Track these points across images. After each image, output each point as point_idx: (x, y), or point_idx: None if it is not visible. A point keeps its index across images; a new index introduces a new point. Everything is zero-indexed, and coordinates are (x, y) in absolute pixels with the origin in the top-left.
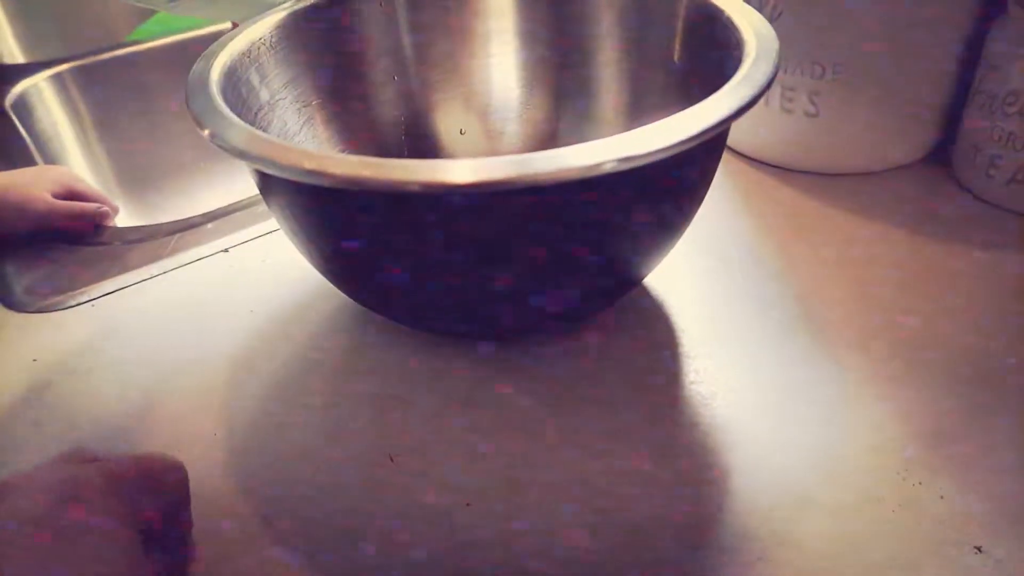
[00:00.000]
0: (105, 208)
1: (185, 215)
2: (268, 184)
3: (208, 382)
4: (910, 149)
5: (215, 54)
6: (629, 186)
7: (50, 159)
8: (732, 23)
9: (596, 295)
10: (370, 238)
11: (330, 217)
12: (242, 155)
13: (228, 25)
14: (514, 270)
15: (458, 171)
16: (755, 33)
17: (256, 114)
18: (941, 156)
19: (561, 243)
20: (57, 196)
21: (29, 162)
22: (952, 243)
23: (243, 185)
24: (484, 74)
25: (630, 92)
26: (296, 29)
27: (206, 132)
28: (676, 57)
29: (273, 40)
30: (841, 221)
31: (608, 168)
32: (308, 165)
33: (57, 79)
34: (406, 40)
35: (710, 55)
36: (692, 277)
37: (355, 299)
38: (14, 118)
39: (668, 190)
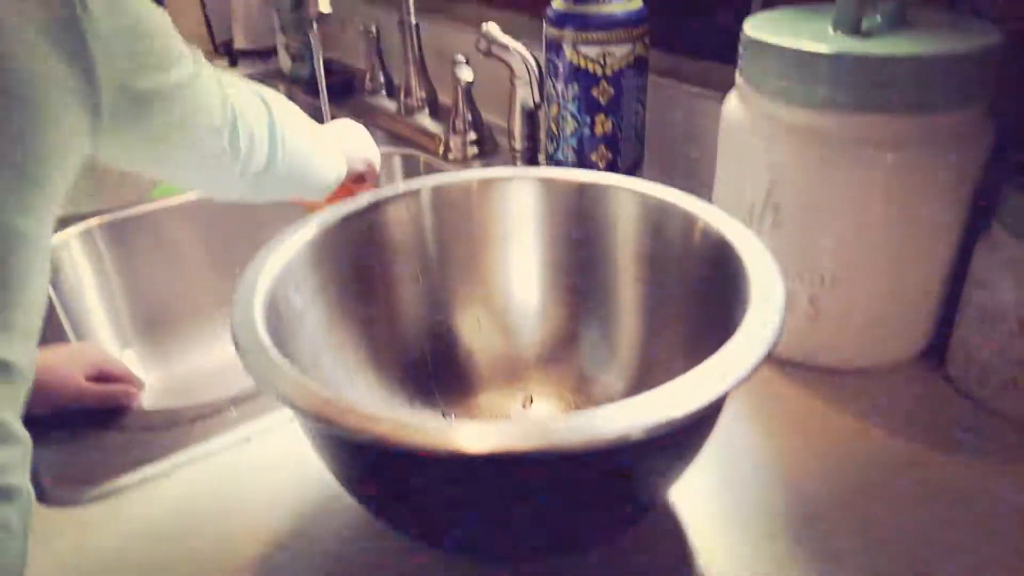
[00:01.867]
0: (133, 390)
1: (201, 361)
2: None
3: None
4: (904, 348)
5: (259, 270)
6: (650, 444)
7: (73, 313)
8: (741, 260)
9: (612, 525)
10: (387, 484)
11: (349, 456)
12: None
13: None
14: (531, 516)
15: (478, 439)
16: (763, 274)
17: (290, 324)
18: (935, 354)
19: (579, 493)
20: (88, 376)
21: (53, 320)
22: (950, 451)
23: None
24: (504, 275)
25: (646, 302)
26: (330, 238)
27: (253, 378)
28: (691, 283)
29: (309, 249)
30: (843, 423)
31: (635, 438)
32: (350, 422)
33: (86, 235)
34: (430, 242)
35: (722, 283)
36: (705, 490)
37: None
38: None
39: (689, 439)
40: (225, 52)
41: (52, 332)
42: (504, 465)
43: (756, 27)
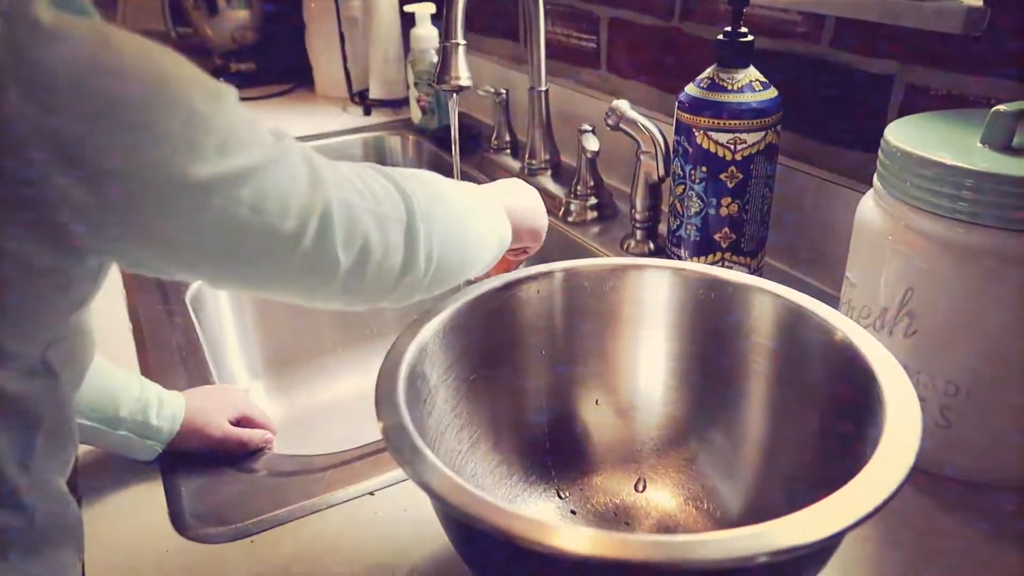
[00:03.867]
0: (270, 435)
1: (321, 395)
2: None
3: None
4: None
5: (401, 353)
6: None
7: (213, 344)
8: (877, 380)
9: None
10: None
11: (477, 542)
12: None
13: None
14: None
15: (602, 546)
16: (901, 399)
17: (424, 401)
18: None
19: None
20: (231, 419)
21: (198, 355)
22: None
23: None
24: (630, 361)
25: (773, 406)
26: (463, 316)
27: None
28: (820, 393)
29: (443, 326)
30: (962, 537)
31: (760, 562)
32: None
33: None
34: (559, 323)
35: (855, 401)
36: None
37: None
38: (191, 311)
39: (813, 563)
40: (360, 100)
41: (197, 366)
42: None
43: (899, 134)
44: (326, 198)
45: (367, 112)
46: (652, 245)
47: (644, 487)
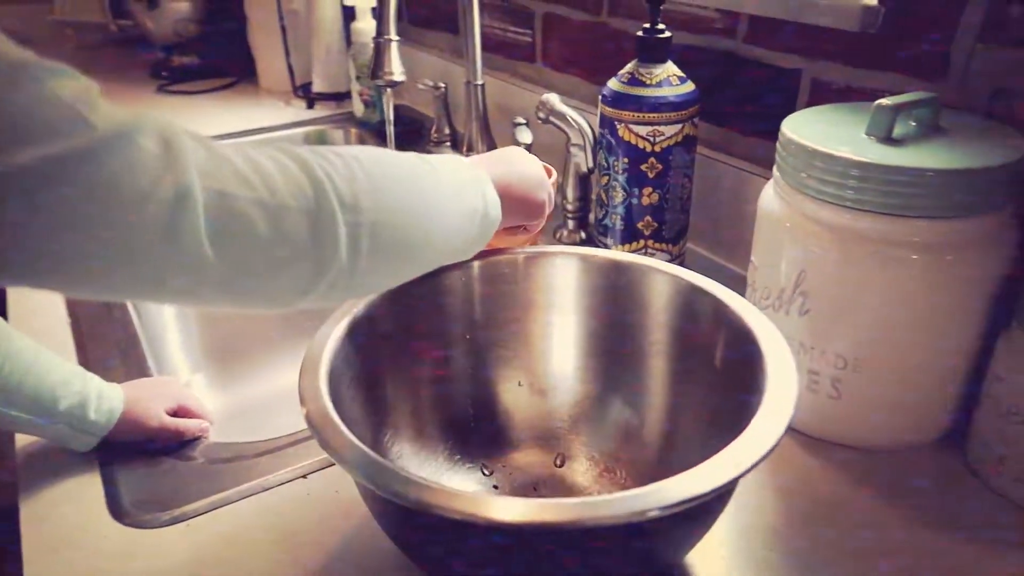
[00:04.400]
0: (205, 424)
1: (263, 388)
2: None
3: None
4: (924, 433)
5: (325, 340)
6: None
7: (153, 341)
8: (761, 350)
9: None
10: (431, 543)
11: (394, 514)
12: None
13: None
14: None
15: (515, 511)
16: (780, 367)
17: (349, 386)
18: (955, 439)
19: (605, 562)
20: (168, 410)
21: (137, 348)
22: (960, 535)
23: None
24: (545, 342)
25: (672, 378)
26: (386, 303)
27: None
28: (715, 363)
29: (368, 316)
30: (859, 501)
31: (652, 516)
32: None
33: None
34: (478, 310)
35: (743, 368)
36: (723, 554)
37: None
38: (129, 305)
39: (702, 516)
40: (303, 94)
41: (136, 360)
42: (537, 536)
43: (793, 127)
44: (181, 185)
45: (310, 106)
46: (583, 234)
47: (563, 462)
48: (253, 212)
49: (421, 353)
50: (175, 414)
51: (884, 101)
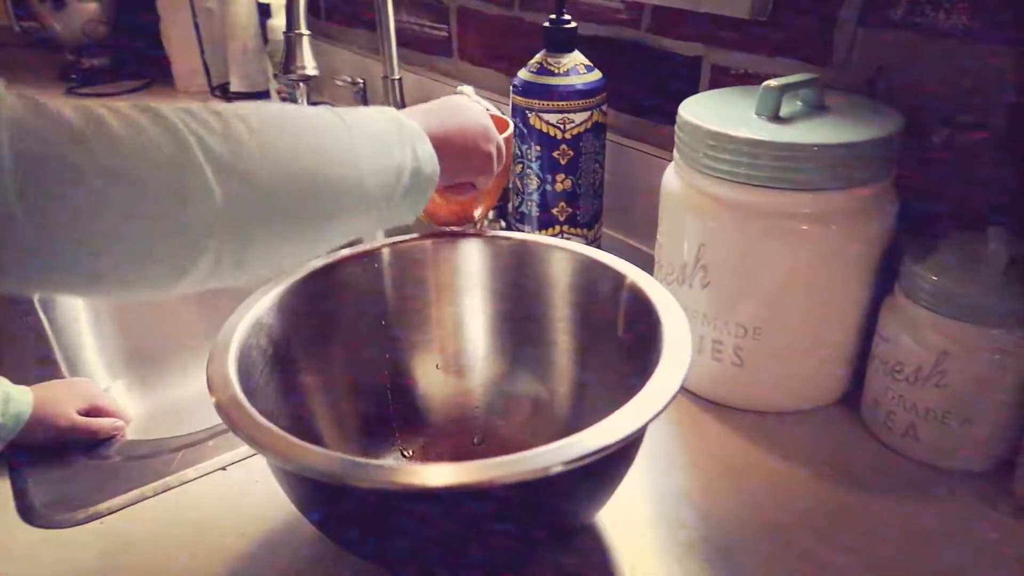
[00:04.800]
0: (120, 423)
1: (184, 392)
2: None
3: None
4: (823, 395)
5: (233, 325)
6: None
7: (67, 348)
8: (659, 317)
9: (546, 545)
10: (340, 515)
11: (304, 490)
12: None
13: None
14: (476, 542)
15: (421, 476)
16: (675, 332)
17: (261, 374)
18: (852, 400)
19: (514, 520)
20: (81, 411)
21: (48, 351)
22: (856, 487)
23: None
24: (456, 324)
25: (578, 350)
26: (296, 291)
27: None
28: (619, 333)
29: (277, 302)
30: (762, 461)
31: (557, 470)
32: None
33: None
34: (390, 295)
35: (643, 336)
36: (635, 516)
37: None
38: (39, 310)
39: (606, 473)
40: (221, 95)
41: (47, 365)
42: (448, 499)
43: (690, 109)
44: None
45: None
46: (503, 223)
47: (481, 440)
48: (82, 166)
49: (334, 339)
50: (88, 414)
51: (770, 82)
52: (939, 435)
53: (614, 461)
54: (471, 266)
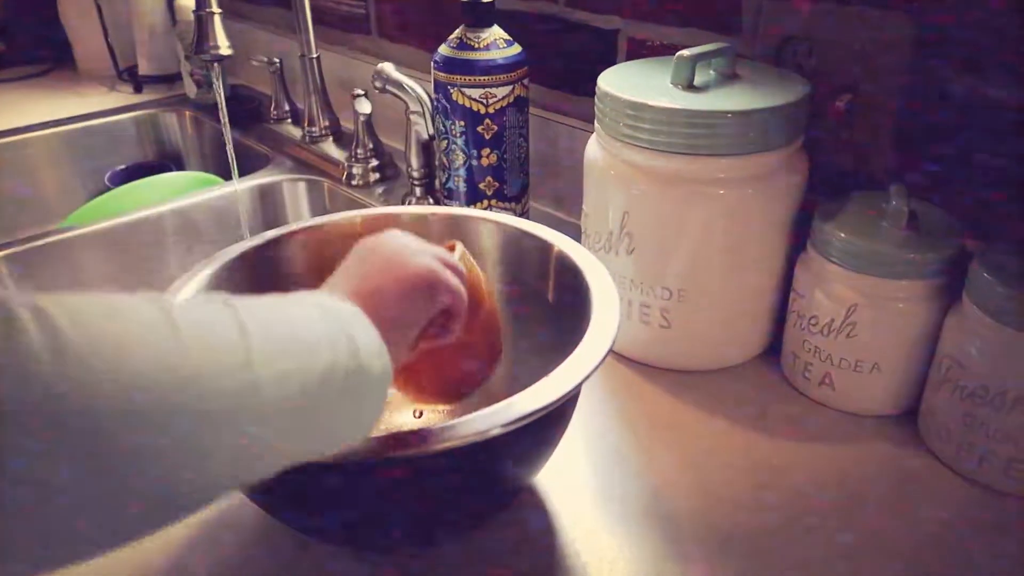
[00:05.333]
0: None
1: None
2: None
3: None
4: (746, 351)
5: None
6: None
7: None
8: (587, 282)
9: (488, 508)
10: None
11: None
12: None
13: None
14: (417, 509)
15: (372, 447)
16: (603, 295)
17: None
18: (773, 355)
19: (454, 484)
20: None
21: None
22: (779, 437)
23: None
24: None
25: (512, 319)
26: (231, 272)
27: None
28: (550, 300)
29: (212, 283)
30: (691, 417)
31: (495, 433)
32: None
33: None
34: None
35: (573, 300)
36: (572, 475)
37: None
38: None
39: (540, 435)
40: (129, 79)
41: None
42: (391, 467)
43: (608, 80)
44: None
45: (138, 90)
46: (431, 200)
47: (421, 414)
48: None
49: None
50: None
51: (683, 53)
52: (852, 383)
53: (551, 422)
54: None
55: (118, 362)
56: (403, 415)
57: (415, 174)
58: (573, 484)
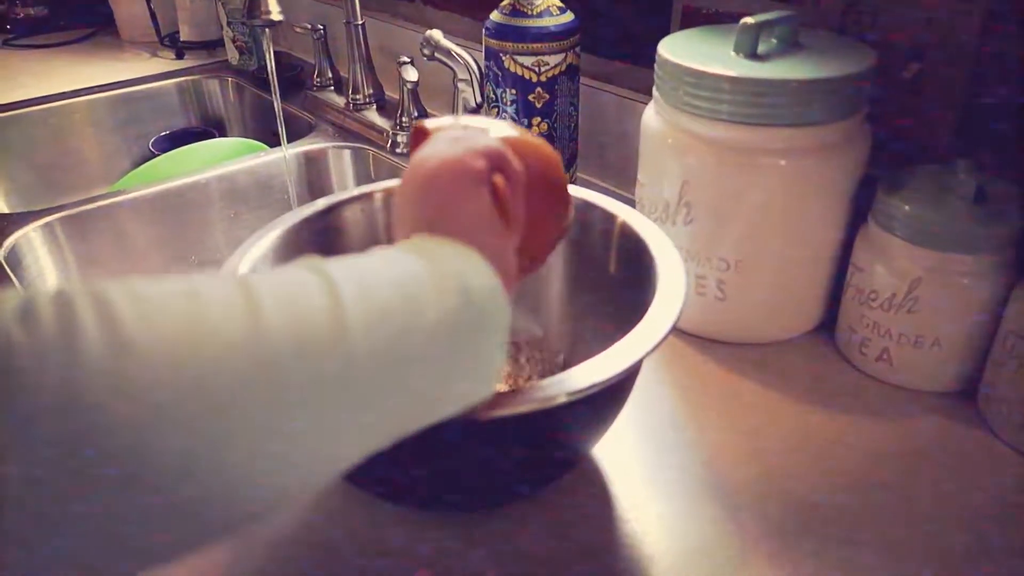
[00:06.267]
0: None
1: None
2: None
3: (206, 558)
4: (800, 324)
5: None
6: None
7: None
8: (652, 254)
9: (548, 476)
10: None
11: None
12: None
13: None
14: (479, 473)
15: None
16: (670, 267)
17: None
18: (827, 329)
19: (517, 452)
20: None
21: None
22: (834, 410)
23: None
24: None
25: (573, 288)
26: (292, 238)
27: None
28: (611, 271)
29: (273, 249)
30: (744, 389)
31: (561, 401)
32: None
33: (47, 228)
34: (383, 239)
35: (637, 273)
36: (629, 447)
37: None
38: (7, 268)
39: (603, 406)
40: (171, 45)
41: None
42: (459, 431)
43: (669, 48)
44: None
45: (180, 56)
46: None
47: None
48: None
49: None
50: None
51: (748, 20)
52: (911, 359)
53: (614, 393)
54: None
55: (188, 352)
56: None
57: None
58: (627, 452)
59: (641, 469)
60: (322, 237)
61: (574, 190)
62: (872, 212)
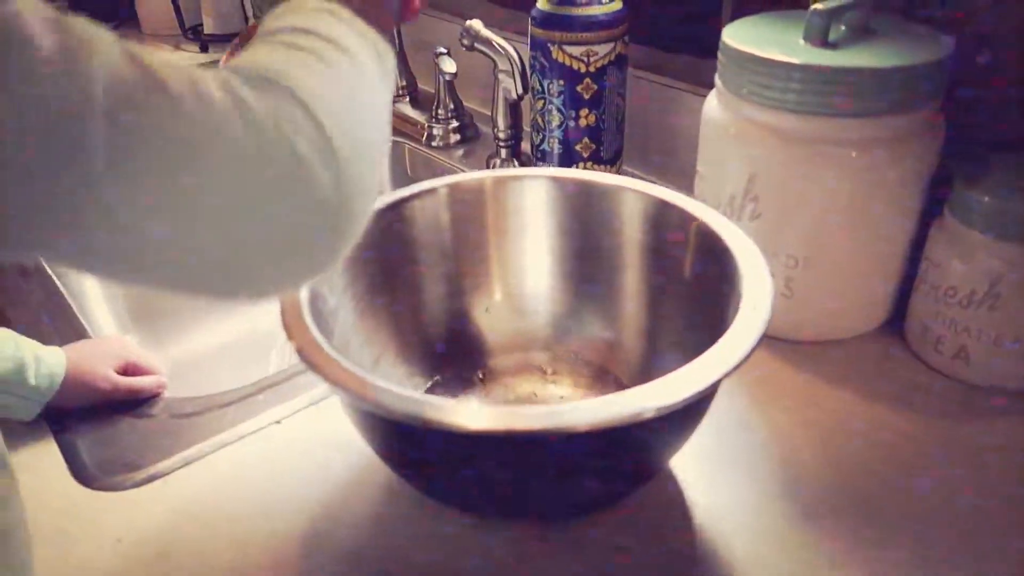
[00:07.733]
0: (163, 379)
1: (196, 344)
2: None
3: (282, 558)
4: (869, 321)
5: None
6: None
7: (73, 292)
8: (734, 256)
9: (624, 489)
10: (425, 459)
11: (392, 435)
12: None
13: None
14: (556, 484)
15: (504, 420)
16: (753, 270)
17: (326, 321)
18: (895, 326)
19: (596, 464)
20: (117, 369)
21: (68, 312)
22: (909, 410)
23: (241, 318)
24: (517, 264)
25: (647, 290)
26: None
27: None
28: (687, 273)
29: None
30: (814, 388)
31: (647, 418)
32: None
33: None
34: (447, 235)
35: (716, 276)
36: (701, 455)
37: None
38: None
39: (689, 418)
40: (194, 37)
41: (68, 324)
42: (527, 442)
43: (734, 36)
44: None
45: (204, 48)
46: (517, 163)
47: (552, 376)
48: (175, 149)
49: (393, 282)
50: (126, 372)
51: (818, 6)
52: (991, 357)
53: (699, 405)
54: (531, 205)
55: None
56: (532, 383)
57: (501, 135)
58: (700, 454)
59: (713, 468)
60: (386, 232)
61: (651, 187)
62: (948, 205)
